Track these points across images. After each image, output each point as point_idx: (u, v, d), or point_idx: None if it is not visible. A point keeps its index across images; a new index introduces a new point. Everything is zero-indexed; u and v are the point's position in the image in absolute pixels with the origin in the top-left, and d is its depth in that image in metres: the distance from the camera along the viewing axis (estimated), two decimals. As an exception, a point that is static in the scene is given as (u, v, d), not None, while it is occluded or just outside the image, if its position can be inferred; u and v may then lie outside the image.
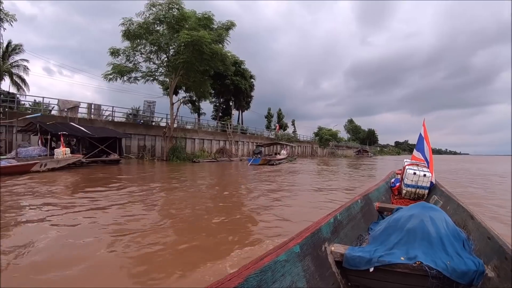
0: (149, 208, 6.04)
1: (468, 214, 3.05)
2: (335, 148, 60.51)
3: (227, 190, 8.78)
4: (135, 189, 8.24)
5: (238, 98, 48.58)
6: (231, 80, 43.27)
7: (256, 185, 9.84)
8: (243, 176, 12.89)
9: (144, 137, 24.39)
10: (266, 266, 1.53)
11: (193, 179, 10.93)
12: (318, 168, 18.27)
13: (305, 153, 49.35)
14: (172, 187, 8.97)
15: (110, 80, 22.13)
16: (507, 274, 1.77)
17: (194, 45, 20.27)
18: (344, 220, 2.84)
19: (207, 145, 28.52)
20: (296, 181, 11.49)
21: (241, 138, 33.06)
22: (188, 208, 6.08)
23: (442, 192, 4.70)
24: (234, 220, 5.26)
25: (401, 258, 2.05)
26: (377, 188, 4.87)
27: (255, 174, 13.78)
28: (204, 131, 29.36)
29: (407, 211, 2.59)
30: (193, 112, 45.84)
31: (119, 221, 4.87)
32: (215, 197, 7.66)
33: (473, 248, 2.29)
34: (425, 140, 5.95)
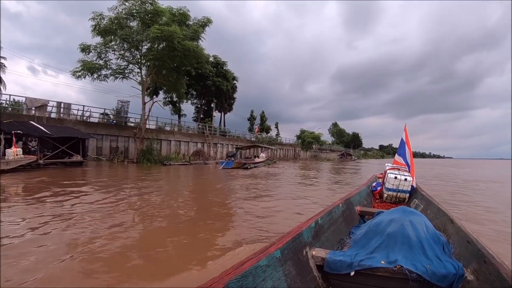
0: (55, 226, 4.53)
1: (448, 218, 3.09)
2: (318, 152, 59.65)
3: (177, 201, 7.25)
4: (64, 199, 6.65)
5: (220, 100, 47.60)
6: (212, 81, 42.32)
7: (215, 193, 8.79)
8: (209, 181, 11.94)
9: (117, 138, 23.20)
10: (247, 271, 1.53)
11: (148, 186, 9.53)
12: (296, 173, 17.15)
13: (287, 156, 48.37)
14: (114, 200, 6.90)
15: (79, 77, 20.79)
16: (486, 277, 1.80)
17: (165, 41, 19.30)
18: (326, 224, 2.85)
19: (184, 147, 27.40)
20: (267, 187, 10.35)
21: (221, 140, 31.98)
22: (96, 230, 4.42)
23: (423, 196, 4.72)
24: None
25: (382, 262, 2.05)
26: (359, 192, 4.91)
27: (223, 178, 12.83)
28: (180, 132, 28.14)
29: (388, 215, 2.61)
30: (174, 113, 44.78)
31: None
32: (153, 212, 5.80)
33: (452, 252, 2.33)
34: (406, 144, 5.93)
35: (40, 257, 3.31)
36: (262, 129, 55.40)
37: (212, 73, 42.68)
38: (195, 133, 30.42)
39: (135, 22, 21.20)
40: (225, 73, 44.68)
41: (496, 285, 1.70)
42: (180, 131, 29.79)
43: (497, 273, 1.73)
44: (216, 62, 44.48)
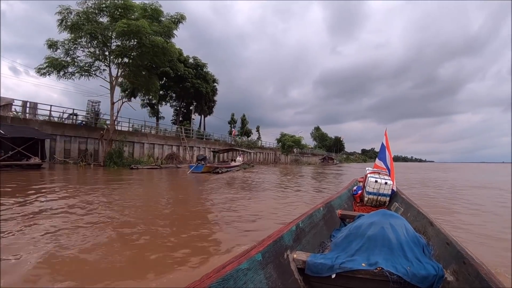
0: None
1: (428, 220, 3.14)
2: (299, 155, 59.16)
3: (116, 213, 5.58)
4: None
5: (199, 102, 46.66)
6: (191, 83, 41.37)
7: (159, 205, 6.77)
8: (164, 188, 10.49)
9: (86, 140, 21.99)
10: (228, 274, 1.52)
11: (96, 192, 7.94)
12: (271, 179, 15.40)
13: (267, 160, 47.61)
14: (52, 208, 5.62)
15: (44, 74, 19.56)
16: (465, 278, 1.85)
17: (132, 36, 18.35)
18: (306, 227, 2.85)
19: (158, 150, 26.30)
20: (228, 197, 8.15)
21: (197, 143, 30.90)
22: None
23: (403, 200, 4.78)
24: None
25: (362, 265, 2.07)
26: (339, 195, 4.93)
27: (184, 184, 11.69)
28: (155, 135, 27.00)
29: (368, 218, 2.63)
30: (152, 116, 43.56)
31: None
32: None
33: (432, 253, 2.38)
34: (387, 149, 6.04)
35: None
36: (243, 132, 54.60)
37: (191, 74, 41.78)
38: (171, 136, 29.29)
39: (105, 18, 20.06)
40: (205, 75, 43.80)
41: (475, 285, 1.72)
42: (157, 133, 28.70)
43: (476, 273, 1.76)
44: (196, 64, 43.60)
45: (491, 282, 1.61)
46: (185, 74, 40.94)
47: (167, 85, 42.07)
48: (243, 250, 1.91)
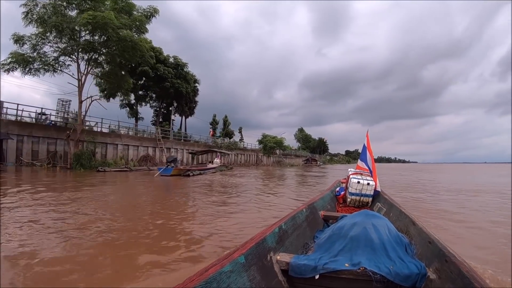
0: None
1: (410, 220, 3.16)
2: (282, 157, 58.37)
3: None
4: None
5: (179, 103, 45.62)
6: (171, 83, 40.35)
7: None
8: (123, 194, 9.08)
9: (56, 141, 20.76)
10: (211, 277, 1.51)
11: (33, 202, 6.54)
12: (249, 184, 13.62)
13: (249, 162, 46.80)
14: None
15: (8, 71, 18.40)
16: (447, 276, 1.86)
17: (98, 29, 17.35)
18: (289, 229, 2.83)
19: (133, 151, 25.18)
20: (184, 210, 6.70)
21: (174, 144, 29.81)
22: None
23: (386, 200, 4.84)
24: None
25: (346, 265, 2.08)
26: (322, 197, 4.92)
27: (145, 190, 10.26)
28: (129, 136, 25.88)
29: (351, 219, 2.65)
30: (131, 116, 42.28)
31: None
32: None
33: (415, 252, 2.39)
34: (368, 150, 6.08)
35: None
36: (224, 133, 53.69)
37: (171, 74, 40.78)
38: (146, 137, 28.18)
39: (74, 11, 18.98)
40: (185, 75, 42.82)
41: (457, 283, 1.73)
42: (136, 135, 27.64)
43: (458, 271, 1.78)
44: (176, 64, 42.60)
45: (473, 280, 1.62)
46: (164, 73, 39.92)
47: (146, 85, 40.99)
48: (226, 253, 1.88)
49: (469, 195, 10.72)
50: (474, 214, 6.93)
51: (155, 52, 40.22)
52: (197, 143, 36.54)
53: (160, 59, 40.54)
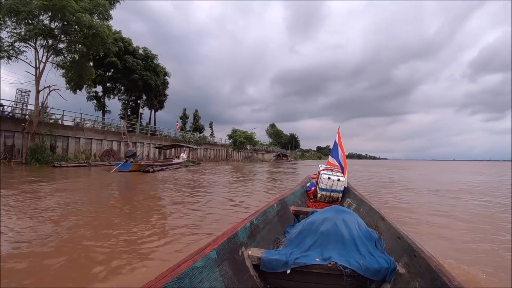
0: None
1: (380, 216, 3.21)
2: (253, 152, 58.16)
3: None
4: None
5: (149, 96, 44.54)
6: (140, 75, 39.25)
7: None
8: (69, 194, 7.56)
9: (13, 134, 19.51)
10: (184, 273, 1.51)
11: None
12: (211, 179, 13.05)
13: (219, 157, 46.44)
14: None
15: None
16: (416, 270, 1.89)
17: (55, 11, 16.45)
18: (261, 224, 2.84)
19: (96, 146, 24.19)
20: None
21: (141, 139, 28.92)
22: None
23: (355, 196, 4.90)
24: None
25: (317, 259, 2.09)
26: (293, 192, 4.98)
27: (97, 188, 9.25)
28: (92, 129, 24.84)
29: (321, 214, 2.66)
30: (98, 109, 40.81)
31: None
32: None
33: (384, 247, 2.42)
34: (340, 146, 6.10)
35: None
36: (194, 128, 52.99)
37: (140, 66, 39.66)
38: (111, 131, 27.23)
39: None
40: (154, 67, 41.77)
41: (426, 277, 1.77)
42: (103, 128, 26.61)
43: (426, 265, 1.81)
44: (145, 55, 41.45)
45: (441, 274, 1.65)
46: (133, 65, 38.76)
47: (114, 77, 39.68)
48: (197, 248, 1.87)
49: (456, 196, 9.71)
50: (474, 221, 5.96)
51: (124, 42, 38.99)
52: (165, 138, 35.72)
53: (129, 50, 39.31)
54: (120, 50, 37.37)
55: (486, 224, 5.70)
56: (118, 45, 37.24)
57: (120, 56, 37.45)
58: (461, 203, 8.28)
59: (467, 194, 10.31)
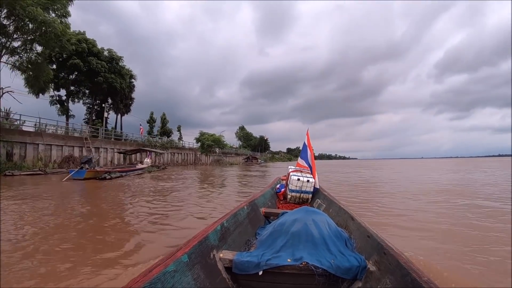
0: None
1: (349, 215, 3.25)
2: (222, 156, 57.92)
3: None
4: None
5: (114, 100, 43.43)
6: (104, 77, 38.19)
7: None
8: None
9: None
10: (155, 278, 1.50)
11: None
12: (173, 188, 11.78)
13: (187, 161, 45.97)
14: None
15: None
16: (386, 267, 1.93)
17: (5, 5, 15.83)
18: (231, 226, 2.86)
19: (57, 152, 23.25)
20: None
21: (104, 144, 28.06)
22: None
23: (325, 196, 4.93)
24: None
25: (288, 260, 2.10)
26: (263, 194, 4.96)
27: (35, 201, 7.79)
28: (52, 134, 23.78)
29: (291, 215, 2.69)
30: (61, 114, 39.18)
31: None
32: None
33: (355, 246, 2.45)
34: (309, 148, 6.20)
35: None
36: (163, 132, 52.17)
37: (105, 68, 38.61)
38: (73, 136, 26.24)
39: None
40: (120, 70, 40.82)
41: (396, 273, 1.80)
42: (66, 133, 25.52)
43: (396, 262, 1.85)
44: (110, 57, 40.41)
45: (410, 270, 1.69)
46: (97, 67, 37.67)
47: (78, 80, 38.35)
48: (169, 252, 1.86)
49: (442, 199, 8.62)
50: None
51: (88, 44, 37.82)
52: (130, 142, 34.93)
53: (93, 52, 38.17)
54: (84, 52, 36.33)
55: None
56: (82, 46, 36.24)
57: (83, 58, 36.34)
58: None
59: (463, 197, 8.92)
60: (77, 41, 36.01)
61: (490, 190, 10.71)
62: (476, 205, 7.45)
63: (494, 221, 5.72)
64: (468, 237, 4.68)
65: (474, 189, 11.08)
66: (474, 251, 3.93)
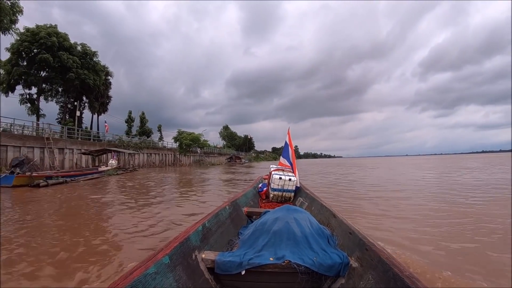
0: None
1: (331, 213, 3.25)
2: (203, 156, 54.60)
3: None
4: None
5: (89, 98, 40.53)
6: (76, 73, 35.34)
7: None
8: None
9: None
10: (136, 280, 1.46)
11: None
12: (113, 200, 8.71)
13: (165, 162, 42.89)
14: None
15: None
16: (369, 263, 1.92)
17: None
18: (213, 227, 2.80)
19: (14, 153, 20.48)
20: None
21: (69, 144, 25.23)
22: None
23: (307, 194, 4.90)
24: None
25: (270, 259, 2.08)
26: (245, 193, 4.89)
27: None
28: (8, 134, 21.01)
29: (273, 214, 2.65)
30: (31, 113, 36.07)
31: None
32: None
33: (337, 243, 2.45)
34: (290, 147, 6.13)
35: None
36: (143, 132, 49.24)
37: (77, 64, 35.68)
38: (32, 136, 23.33)
39: None
40: (94, 65, 37.89)
41: (378, 269, 1.80)
42: (37, 134, 22.77)
43: (378, 258, 1.85)
44: (83, 52, 37.45)
45: (392, 265, 1.68)
46: (69, 62, 34.75)
47: (50, 76, 35.30)
48: (149, 254, 1.80)
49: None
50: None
51: (58, 38, 34.87)
52: (101, 143, 32.16)
53: (65, 46, 35.23)
54: (54, 46, 33.41)
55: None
56: (52, 40, 33.35)
57: (54, 53, 33.42)
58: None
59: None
60: (47, 34, 33.14)
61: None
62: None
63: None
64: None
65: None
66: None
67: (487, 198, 8.38)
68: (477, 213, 6.34)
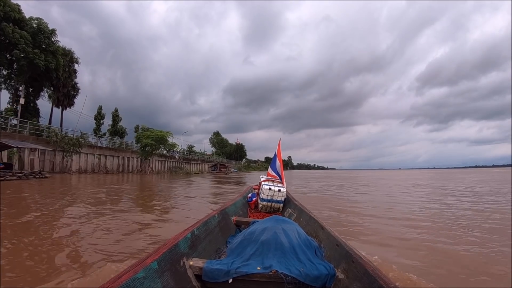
0: None
1: (319, 225, 3.10)
2: (181, 162, 44.57)
3: None
4: None
5: (44, 85, 31.69)
6: (22, 51, 26.63)
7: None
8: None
9: None
10: (124, 284, 1.37)
11: None
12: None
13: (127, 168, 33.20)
14: None
15: None
16: (355, 275, 1.85)
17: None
18: (202, 234, 2.64)
19: None
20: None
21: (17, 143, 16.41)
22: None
23: (296, 206, 4.74)
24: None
25: (258, 268, 1.99)
26: (234, 203, 4.68)
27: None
28: None
29: (262, 224, 2.58)
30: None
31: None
32: None
33: (324, 255, 2.35)
34: (278, 158, 5.95)
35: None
36: (114, 132, 40.24)
37: (26, 40, 26.97)
38: None
39: None
40: (49, 45, 29.08)
41: (364, 281, 1.73)
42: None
43: (364, 270, 1.78)
44: (38, 29, 28.75)
45: (378, 278, 1.62)
46: (14, 37, 26.15)
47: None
48: (138, 259, 1.70)
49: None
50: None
51: (5, 7, 26.40)
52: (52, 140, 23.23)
53: (13, 18, 26.66)
54: (-2, 17, 24.94)
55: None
56: (-4, 9, 24.95)
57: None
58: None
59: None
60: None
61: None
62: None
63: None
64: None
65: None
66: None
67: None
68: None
